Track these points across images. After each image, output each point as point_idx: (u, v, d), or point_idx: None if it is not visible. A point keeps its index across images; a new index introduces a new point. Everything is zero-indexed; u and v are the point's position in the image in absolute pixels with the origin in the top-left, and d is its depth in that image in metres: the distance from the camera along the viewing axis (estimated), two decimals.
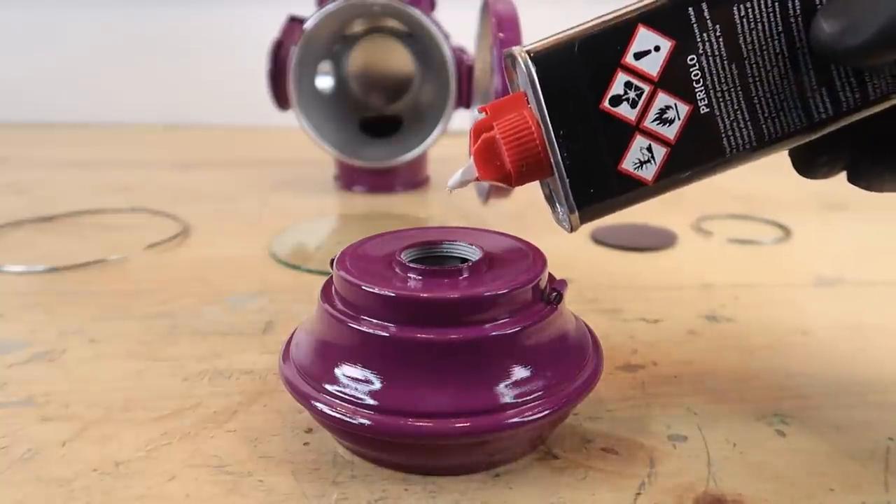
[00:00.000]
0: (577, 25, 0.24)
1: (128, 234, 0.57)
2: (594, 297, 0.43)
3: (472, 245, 0.29)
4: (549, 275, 0.29)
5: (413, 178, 0.72)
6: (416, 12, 0.64)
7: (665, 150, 0.24)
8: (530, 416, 0.25)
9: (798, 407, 0.31)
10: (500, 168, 0.25)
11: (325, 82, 0.74)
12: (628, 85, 0.24)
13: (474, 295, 0.25)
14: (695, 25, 0.23)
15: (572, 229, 0.26)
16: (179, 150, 0.92)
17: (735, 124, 0.24)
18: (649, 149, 0.24)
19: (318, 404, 0.25)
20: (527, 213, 0.60)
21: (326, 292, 0.28)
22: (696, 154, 0.24)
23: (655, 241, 0.53)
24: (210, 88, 1.10)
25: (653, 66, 0.24)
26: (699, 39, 0.23)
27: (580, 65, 0.24)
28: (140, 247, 0.52)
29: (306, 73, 0.69)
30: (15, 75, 1.13)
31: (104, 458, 0.28)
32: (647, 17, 0.23)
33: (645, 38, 0.23)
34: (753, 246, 0.53)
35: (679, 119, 0.24)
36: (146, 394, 0.32)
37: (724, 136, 0.24)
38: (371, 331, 0.26)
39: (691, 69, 0.24)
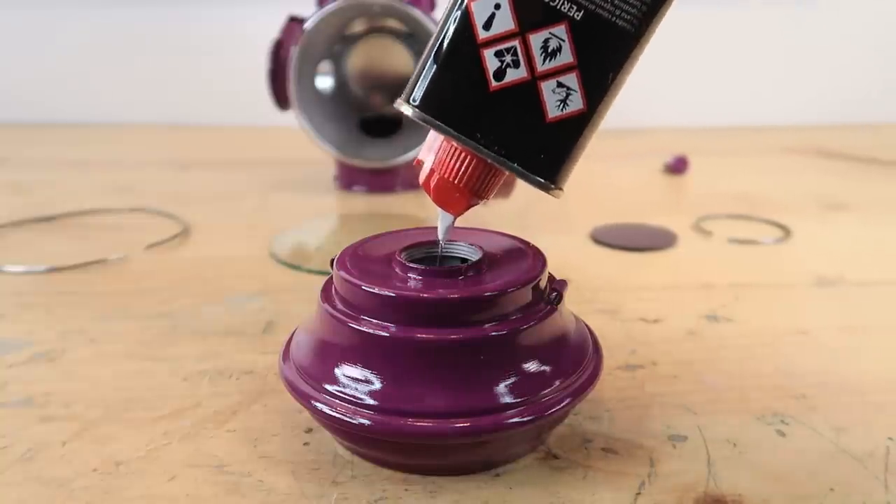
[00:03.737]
0: (425, 45, 0.24)
1: (128, 234, 0.57)
2: (594, 297, 0.43)
3: (472, 245, 0.29)
4: (549, 275, 0.29)
5: (413, 178, 0.71)
6: (416, 12, 0.64)
7: (574, 73, 0.24)
8: (530, 416, 0.25)
9: (798, 407, 0.31)
10: (462, 198, 0.26)
11: (325, 82, 0.74)
12: (498, 53, 0.23)
13: (474, 295, 0.25)
14: None
15: (558, 197, 0.26)
16: (179, 150, 0.92)
17: (617, 1, 0.23)
18: (560, 84, 0.24)
19: (318, 404, 0.25)
20: (527, 213, 0.60)
21: (326, 292, 0.28)
22: (605, 53, 0.24)
23: (655, 241, 0.53)
24: (210, 88, 1.10)
25: (506, 21, 0.23)
26: None
27: (448, 74, 0.24)
28: (140, 247, 0.52)
29: (306, 73, 0.69)
30: (15, 75, 1.13)
31: (104, 458, 0.28)
32: None
33: (480, 6, 0.23)
34: (753, 246, 0.53)
35: (565, 41, 0.23)
36: (146, 394, 0.32)
37: (616, 19, 0.23)
38: (371, 331, 0.26)
39: None
